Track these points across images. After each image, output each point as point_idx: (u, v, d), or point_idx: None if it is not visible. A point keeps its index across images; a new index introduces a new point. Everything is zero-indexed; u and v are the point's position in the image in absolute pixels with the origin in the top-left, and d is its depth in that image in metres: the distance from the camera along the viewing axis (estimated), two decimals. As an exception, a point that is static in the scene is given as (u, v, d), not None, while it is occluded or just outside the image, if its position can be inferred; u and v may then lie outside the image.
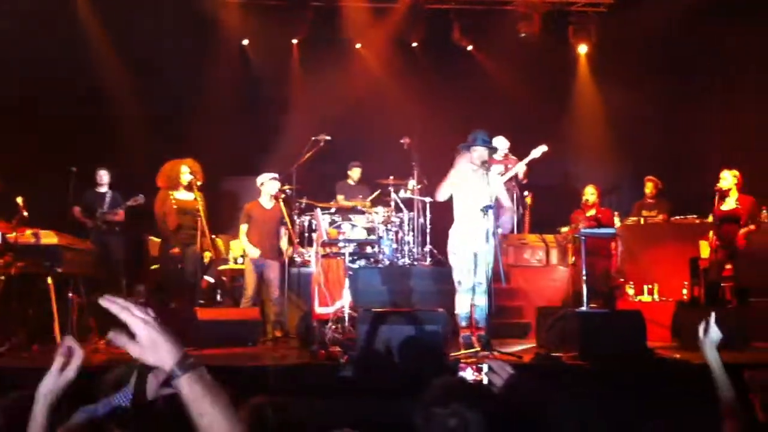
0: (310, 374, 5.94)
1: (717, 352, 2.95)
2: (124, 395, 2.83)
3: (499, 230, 7.48)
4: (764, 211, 9.10)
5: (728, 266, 8.49)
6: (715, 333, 2.97)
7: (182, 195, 8.18)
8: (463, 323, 6.88)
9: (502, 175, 8.55)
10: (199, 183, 8.13)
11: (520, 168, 9.33)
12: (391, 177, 10.26)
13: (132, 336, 1.61)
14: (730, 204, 8.47)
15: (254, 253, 8.19)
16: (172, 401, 3.00)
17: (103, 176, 9.01)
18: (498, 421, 2.57)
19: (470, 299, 6.83)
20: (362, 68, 12.08)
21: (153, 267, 8.58)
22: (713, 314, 3.02)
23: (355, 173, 10.55)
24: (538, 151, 9.41)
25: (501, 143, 9.54)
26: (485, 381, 2.61)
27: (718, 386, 2.89)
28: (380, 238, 9.51)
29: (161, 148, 9.29)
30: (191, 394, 1.63)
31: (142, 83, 10.32)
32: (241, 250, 8.95)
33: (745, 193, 8.52)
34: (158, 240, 8.92)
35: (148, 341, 1.62)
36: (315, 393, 5.44)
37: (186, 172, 8.22)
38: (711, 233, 8.55)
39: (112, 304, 1.62)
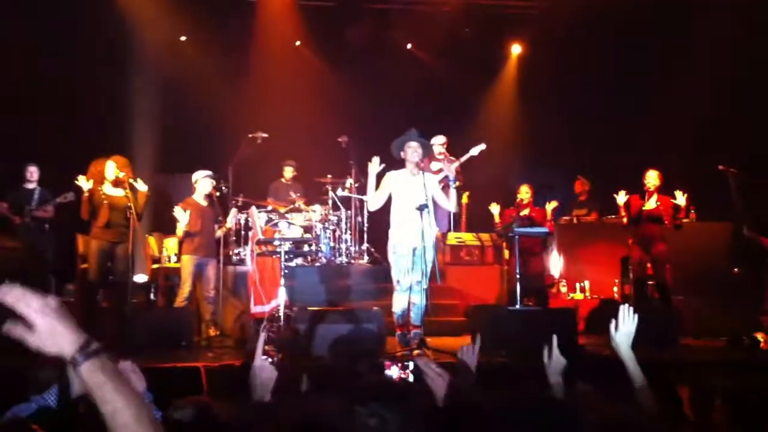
0: (244, 374, 5.88)
1: (630, 347, 2.88)
2: (50, 395, 2.78)
3: (437, 230, 7.52)
4: (692, 211, 9.34)
5: (649, 264, 8.60)
6: (627, 328, 2.91)
7: (112, 191, 7.97)
8: (400, 321, 6.89)
9: (437, 173, 8.57)
10: (130, 180, 7.94)
11: (453, 167, 9.21)
12: (329, 175, 10.24)
13: (30, 326, 1.56)
14: (651, 204, 8.57)
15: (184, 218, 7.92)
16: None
17: (33, 173, 8.78)
18: (430, 422, 2.59)
19: (407, 298, 6.84)
20: (301, 66, 12.03)
21: (83, 266, 8.36)
22: (622, 309, 2.95)
23: (287, 172, 10.47)
24: (476, 150, 9.47)
25: (438, 140, 9.60)
26: (411, 378, 2.63)
27: (634, 382, 2.84)
28: (317, 236, 9.47)
29: (92, 146, 9.04)
30: (93, 382, 1.59)
31: (73, 81, 10.09)
32: (176, 248, 8.81)
33: (663, 193, 8.62)
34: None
35: (46, 330, 1.57)
36: (249, 393, 5.40)
37: (112, 167, 7.96)
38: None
39: (5, 295, 1.56)
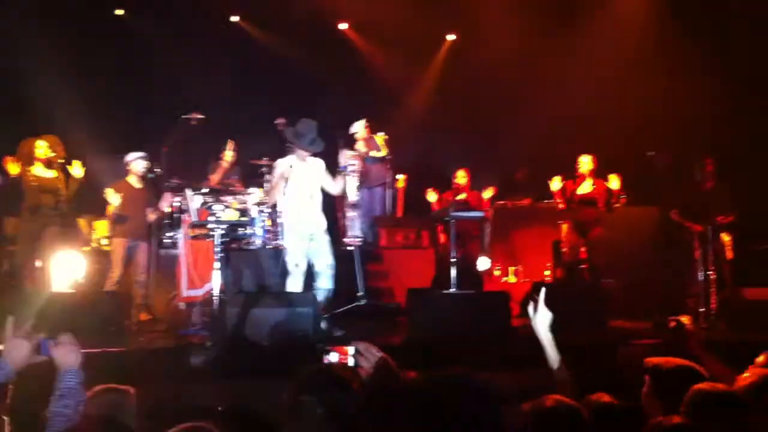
0: (174, 358, 5.81)
1: (548, 330, 3.07)
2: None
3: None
4: (622, 195, 9.51)
5: (583, 249, 8.78)
6: (544, 312, 3.09)
7: (42, 172, 7.72)
8: None
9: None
10: (60, 160, 7.70)
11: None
12: (265, 158, 10.11)
13: None
14: (586, 188, 8.73)
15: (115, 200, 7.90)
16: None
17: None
18: (366, 405, 2.59)
19: (303, 282, 6.96)
20: (240, 44, 11.81)
21: (10, 248, 8.10)
22: (543, 291, 3.16)
23: (228, 155, 10.30)
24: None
25: (358, 126, 9.71)
26: (351, 363, 2.62)
27: (550, 362, 3.02)
28: (252, 219, 9.35)
29: (24, 128, 8.72)
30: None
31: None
32: (106, 231, 8.61)
33: (599, 177, 8.77)
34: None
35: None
36: (179, 378, 5.35)
37: (42, 146, 7.71)
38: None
39: None
